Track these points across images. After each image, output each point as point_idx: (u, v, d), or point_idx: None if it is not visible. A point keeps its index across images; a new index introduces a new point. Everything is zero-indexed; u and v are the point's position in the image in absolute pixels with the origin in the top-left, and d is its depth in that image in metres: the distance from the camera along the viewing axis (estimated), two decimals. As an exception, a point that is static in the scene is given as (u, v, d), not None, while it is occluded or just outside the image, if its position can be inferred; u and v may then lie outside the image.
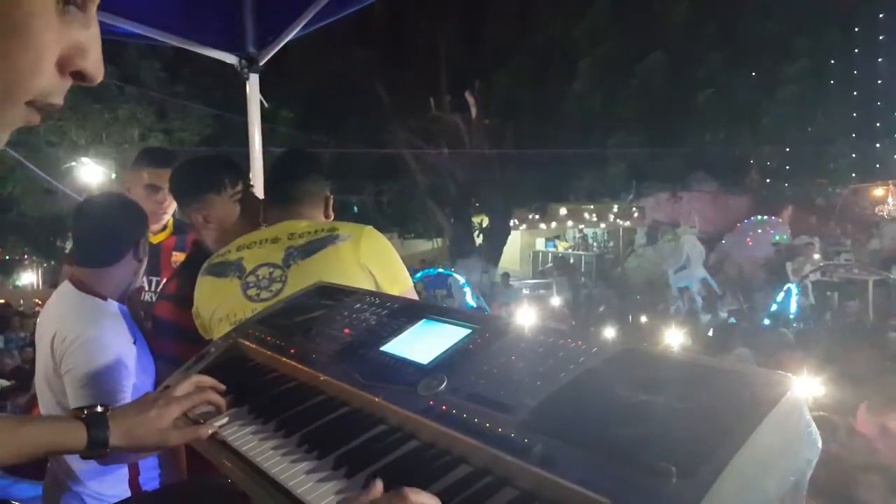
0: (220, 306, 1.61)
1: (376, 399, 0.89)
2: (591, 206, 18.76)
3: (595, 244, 19.44)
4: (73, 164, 11.26)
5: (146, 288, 2.51)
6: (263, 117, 2.94)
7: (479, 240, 17.94)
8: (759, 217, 14.46)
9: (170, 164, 2.58)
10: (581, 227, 19.61)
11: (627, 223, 17.88)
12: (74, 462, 1.60)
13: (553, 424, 0.70)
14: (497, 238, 17.62)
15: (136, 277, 1.76)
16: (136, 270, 1.75)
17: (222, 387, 1.08)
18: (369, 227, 1.66)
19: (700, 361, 0.74)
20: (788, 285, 10.37)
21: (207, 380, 1.08)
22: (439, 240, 19.43)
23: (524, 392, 0.77)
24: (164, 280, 2.45)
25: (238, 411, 1.03)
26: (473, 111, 16.17)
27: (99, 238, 1.70)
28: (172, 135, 13.12)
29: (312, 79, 16.51)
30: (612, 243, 18.87)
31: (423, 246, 20.17)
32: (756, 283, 12.79)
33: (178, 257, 2.58)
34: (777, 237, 13.83)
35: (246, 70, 2.69)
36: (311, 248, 1.58)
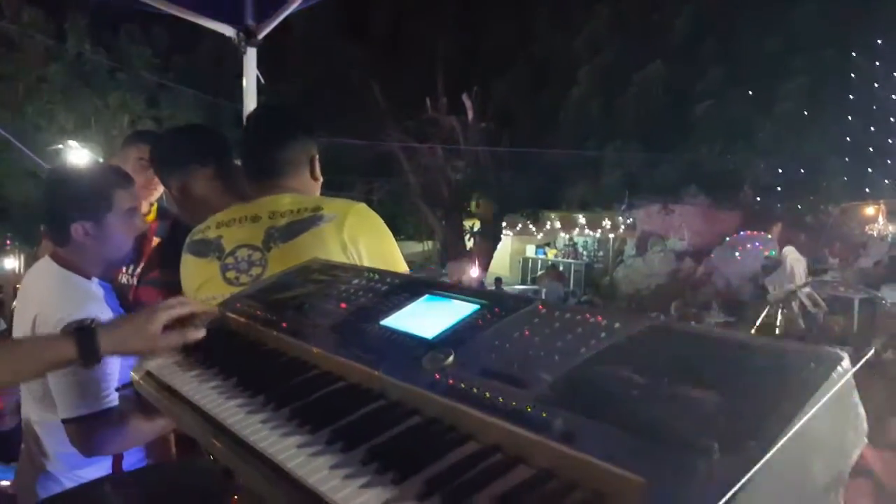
0: (201, 287, 1.54)
1: (375, 373, 0.82)
2: (583, 216, 18.77)
3: (585, 253, 19.45)
4: (60, 146, 11.05)
5: (123, 270, 2.43)
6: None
7: (469, 244, 17.86)
8: (748, 232, 14.53)
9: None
10: (571, 235, 19.62)
11: (618, 233, 17.91)
12: (53, 445, 1.52)
13: (575, 399, 0.64)
14: (488, 242, 17.56)
15: (120, 249, 1.64)
16: (121, 242, 1.64)
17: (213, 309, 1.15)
18: (359, 205, 1.54)
19: (738, 337, 0.68)
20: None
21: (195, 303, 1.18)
22: (430, 242, 19.33)
23: (540, 367, 0.70)
24: (143, 263, 2.38)
25: (224, 385, 0.95)
26: (470, 115, 16.13)
27: (61, 211, 1.57)
28: (162, 122, 12.93)
29: (309, 76, 16.41)
30: (601, 252, 18.88)
31: (414, 248, 20.05)
32: (743, 297, 12.83)
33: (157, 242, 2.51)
34: (767, 253, 13.88)
35: (244, 43, 2.61)
36: (293, 230, 1.48)
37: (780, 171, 15.65)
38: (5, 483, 2.82)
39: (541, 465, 0.60)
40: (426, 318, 0.91)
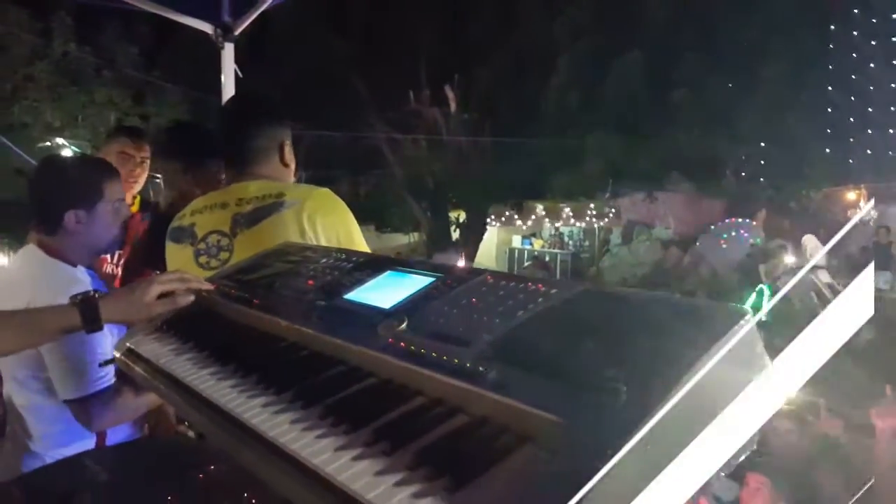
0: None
1: (336, 341, 0.89)
2: (568, 205, 18.85)
3: (571, 243, 19.55)
4: (48, 143, 11.02)
5: (109, 260, 2.48)
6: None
7: (455, 234, 17.93)
8: (733, 220, 14.67)
9: (143, 139, 2.61)
10: (557, 225, 19.70)
11: (604, 222, 18.01)
12: (37, 426, 1.57)
13: (508, 355, 0.70)
14: (474, 234, 17.63)
15: (107, 239, 1.71)
16: (109, 232, 1.69)
17: (207, 284, 1.23)
18: (320, 190, 1.60)
19: (657, 296, 0.75)
20: (761, 286, 10.53)
21: (190, 274, 1.25)
22: (416, 234, 19.38)
23: (482, 329, 0.77)
24: (126, 254, 2.43)
25: (198, 356, 1.01)
26: (453, 106, 16.16)
27: (54, 200, 1.63)
28: (149, 119, 12.90)
29: (290, 71, 16.35)
30: (587, 242, 18.99)
31: (401, 240, 20.09)
32: (730, 286, 12.95)
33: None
34: (753, 241, 14.03)
35: (221, 39, 2.66)
36: (256, 216, 1.56)
37: (763, 157, 15.79)
38: None
39: (477, 414, 0.67)
40: (385, 291, 0.98)
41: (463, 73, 16.59)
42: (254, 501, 1.05)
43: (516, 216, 19.84)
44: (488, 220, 18.73)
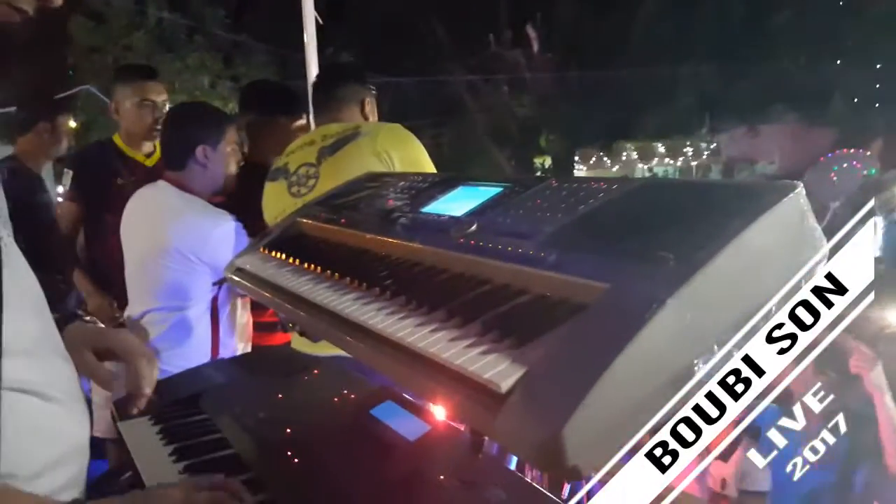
0: (275, 207, 1.87)
1: (413, 244, 0.98)
2: (661, 144, 18.10)
3: (665, 183, 18.79)
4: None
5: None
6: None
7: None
8: (845, 150, 13.64)
9: (156, 76, 2.66)
10: (651, 165, 18.99)
11: (701, 160, 17.21)
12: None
13: (566, 241, 0.77)
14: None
15: (224, 179, 1.99)
16: (226, 171, 1.98)
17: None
18: (391, 125, 1.85)
19: (714, 182, 0.78)
20: (874, 219, 9.84)
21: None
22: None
23: (544, 223, 0.83)
24: None
25: (298, 269, 1.14)
26: (535, 45, 15.74)
27: (187, 135, 1.93)
28: (240, 80, 13.42)
29: (370, 22, 16.42)
30: (682, 182, 18.21)
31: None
32: (841, 221, 12.16)
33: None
34: (867, 172, 13.02)
35: (300, -15, 2.78)
36: (337, 145, 1.81)
37: (877, 79, 14.43)
38: None
39: (538, 292, 0.74)
40: (458, 202, 1.06)
41: (544, 9, 16.06)
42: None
43: (606, 158, 19.28)
44: (575, 163, 18.33)
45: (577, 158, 18.48)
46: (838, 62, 14.62)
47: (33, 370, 0.74)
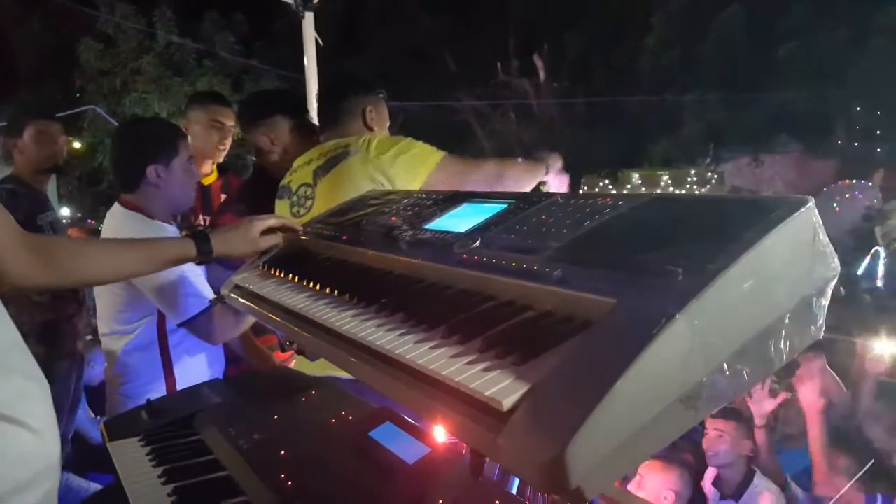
0: None
1: (417, 261, 0.96)
2: (667, 172, 18.12)
3: (669, 212, 18.82)
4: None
5: (201, 225, 2.68)
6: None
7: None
8: (847, 181, 13.63)
9: (229, 104, 2.74)
10: (655, 193, 18.98)
11: (706, 189, 17.21)
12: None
13: (572, 256, 0.75)
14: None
15: (182, 195, 1.88)
16: (184, 188, 1.87)
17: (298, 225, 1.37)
18: (379, 139, 1.77)
19: (724, 197, 0.76)
20: (876, 248, 9.77)
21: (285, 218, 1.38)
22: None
23: (550, 238, 0.82)
24: (222, 203, 2.66)
25: (297, 286, 1.12)
26: (542, 75, 15.89)
27: (136, 155, 1.82)
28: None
29: (380, 50, 16.64)
30: (687, 210, 18.21)
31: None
32: (845, 250, 12.11)
33: (223, 198, 2.76)
34: (869, 201, 13.00)
35: (301, 8, 2.81)
36: (329, 164, 1.78)
37: (878, 110, 14.49)
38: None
39: (543, 308, 0.72)
40: (462, 218, 1.04)
41: (553, 40, 16.23)
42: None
43: (611, 187, 19.30)
44: (581, 192, 18.37)
45: (583, 187, 18.52)
46: (841, 93, 14.70)
47: None
